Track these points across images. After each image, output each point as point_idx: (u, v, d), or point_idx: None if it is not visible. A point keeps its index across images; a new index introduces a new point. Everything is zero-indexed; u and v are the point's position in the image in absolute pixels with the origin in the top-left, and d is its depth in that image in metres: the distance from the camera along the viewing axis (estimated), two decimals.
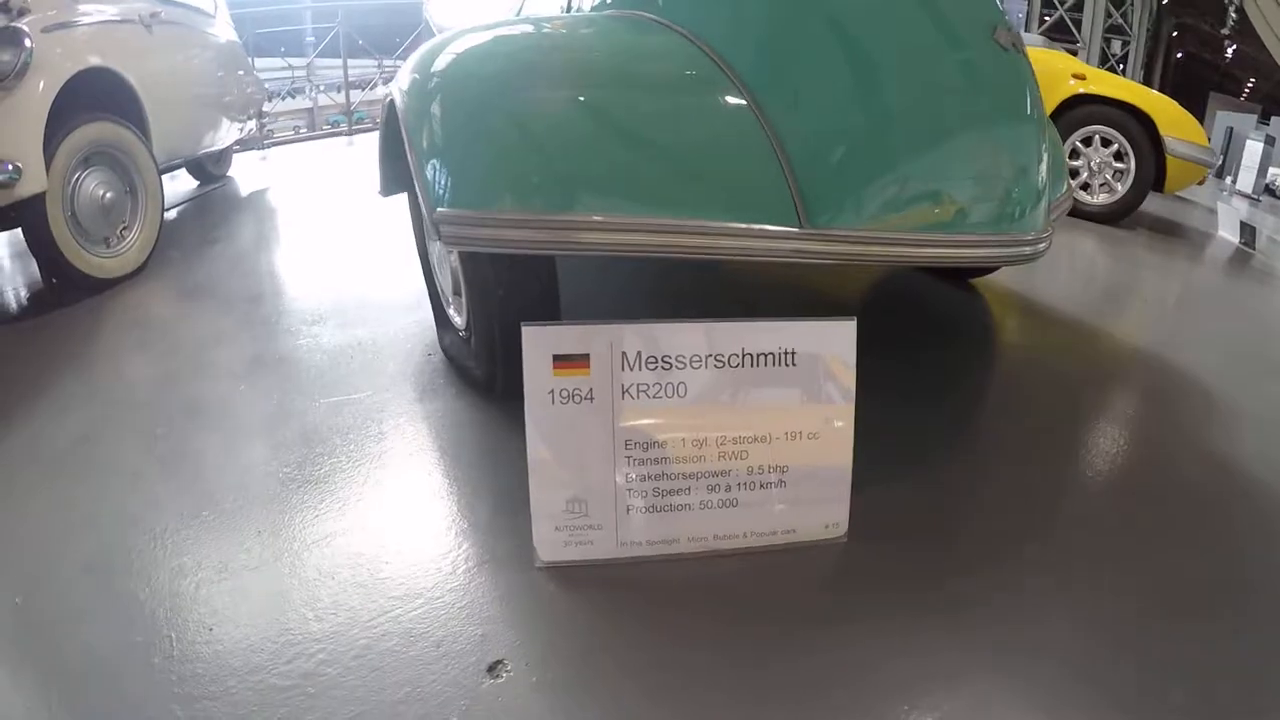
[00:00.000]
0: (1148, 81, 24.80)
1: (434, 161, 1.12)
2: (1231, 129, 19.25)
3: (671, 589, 0.96)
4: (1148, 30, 20.49)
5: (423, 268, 1.78)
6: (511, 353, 1.27)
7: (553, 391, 0.88)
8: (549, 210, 1.02)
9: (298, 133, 7.67)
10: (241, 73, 4.15)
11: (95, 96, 2.40)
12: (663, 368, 0.90)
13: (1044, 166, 1.31)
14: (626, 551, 0.97)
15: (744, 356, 0.91)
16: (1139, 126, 3.95)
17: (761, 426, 0.94)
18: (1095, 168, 4.04)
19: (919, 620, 0.94)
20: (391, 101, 1.33)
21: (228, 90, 3.85)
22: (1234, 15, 17.55)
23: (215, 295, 2.37)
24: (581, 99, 1.12)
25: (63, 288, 2.30)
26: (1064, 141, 4.06)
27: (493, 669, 0.83)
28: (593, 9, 1.70)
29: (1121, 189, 4.03)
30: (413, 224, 1.83)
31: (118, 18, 2.67)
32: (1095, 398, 1.83)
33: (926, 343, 2.05)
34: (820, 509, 1.01)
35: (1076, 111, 4.02)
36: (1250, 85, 26.02)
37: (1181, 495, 1.35)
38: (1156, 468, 1.46)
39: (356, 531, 1.09)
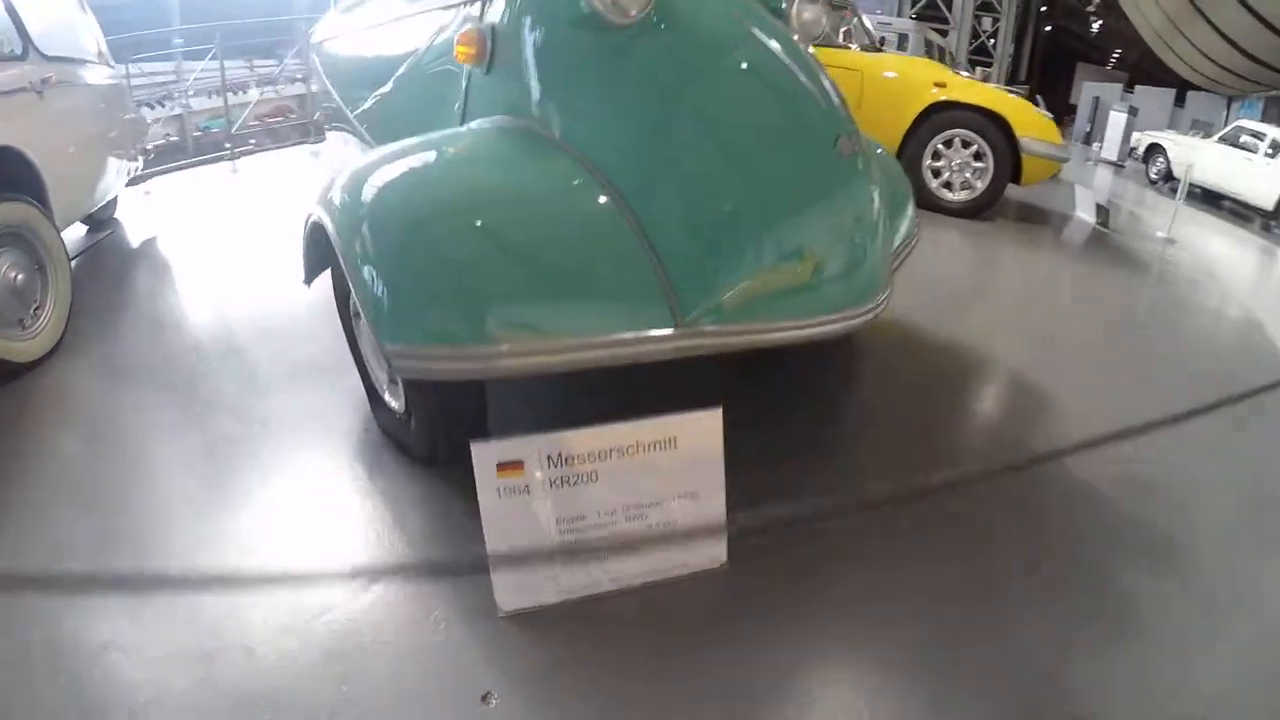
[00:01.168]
0: (1018, 54, 26.52)
1: (378, 302, 1.39)
2: (1098, 98, 20.94)
3: (601, 619, 1.32)
4: (1016, 6, 21.96)
5: (350, 347, 1.97)
6: (450, 435, 1.60)
7: (499, 488, 1.21)
8: (475, 344, 1.32)
9: (167, 139, 7.51)
10: (127, 116, 4.17)
11: None
12: (577, 462, 1.25)
13: (879, 246, 1.68)
14: (565, 595, 1.32)
15: (637, 447, 1.27)
16: (996, 129, 4.53)
17: (654, 494, 1.31)
18: (956, 167, 4.63)
19: (786, 622, 1.35)
20: (317, 222, 1.60)
21: (117, 139, 3.87)
22: None
23: (140, 372, 2.48)
24: (487, 238, 1.39)
25: None
26: (926, 145, 4.62)
27: (484, 699, 1.17)
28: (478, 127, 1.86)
29: (981, 185, 4.63)
30: (337, 305, 1.97)
31: (10, 88, 2.73)
32: (930, 402, 2.32)
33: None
34: (705, 547, 1.40)
35: (939, 117, 4.56)
36: (1116, 55, 28.12)
37: (1004, 498, 1.82)
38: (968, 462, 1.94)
39: (345, 607, 1.38)
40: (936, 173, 4.69)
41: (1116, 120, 13.23)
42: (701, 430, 1.27)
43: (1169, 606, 1.49)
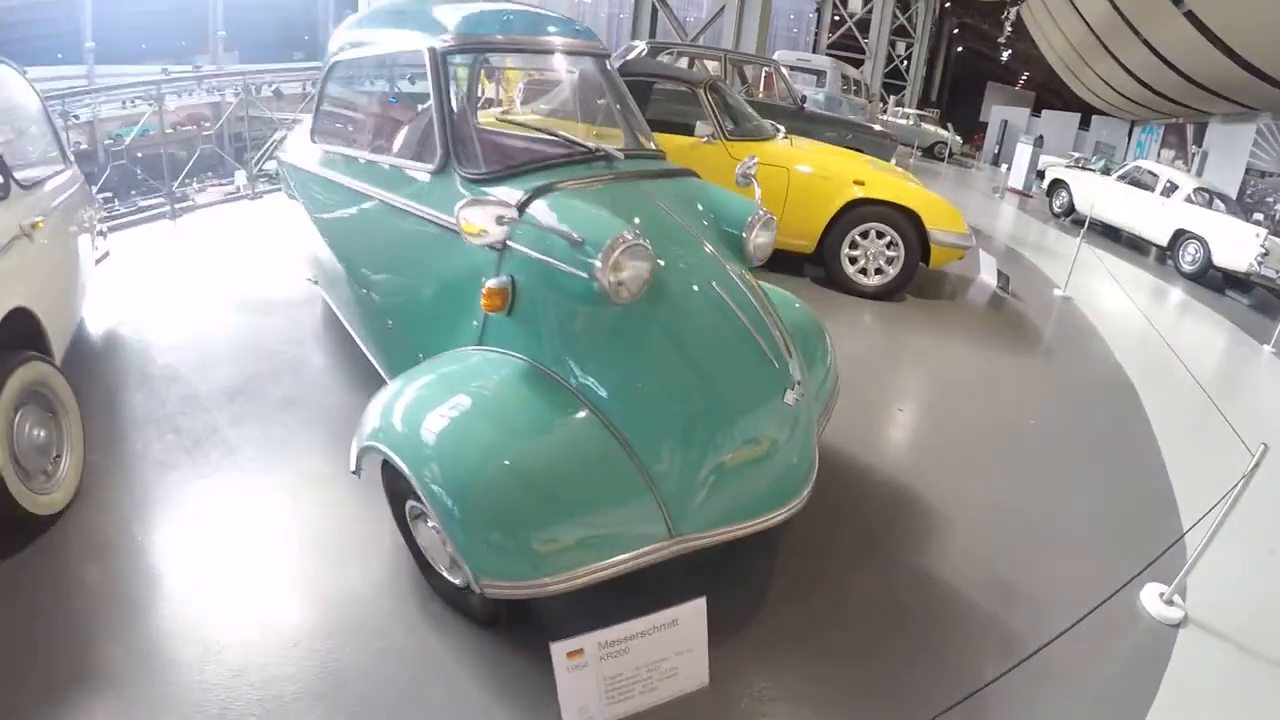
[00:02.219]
0: (930, 76, 28.28)
1: (467, 546, 1.84)
2: (1006, 121, 22.74)
3: None
4: (930, 31, 23.72)
5: (401, 532, 2.32)
6: (510, 607, 2.05)
7: (568, 667, 1.70)
8: (538, 577, 1.81)
9: (77, 146, 7.49)
10: (90, 211, 4.26)
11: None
12: (615, 644, 1.74)
13: (812, 446, 2.26)
14: None
15: (652, 629, 1.77)
16: (908, 221, 5.25)
17: (663, 653, 1.81)
18: (871, 256, 5.34)
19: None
20: (372, 448, 2.03)
21: (88, 250, 4.02)
22: (1010, 24, 20.93)
23: (166, 518, 2.71)
24: (538, 495, 1.85)
25: (8, 533, 2.47)
26: (845, 235, 5.29)
27: None
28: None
29: (893, 271, 5.36)
30: (389, 500, 2.29)
31: (5, 240, 2.77)
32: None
33: None
34: (694, 678, 1.91)
35: (856, 211, 5.26)
36: (1025, 77, 30.46)
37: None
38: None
39: None
40: (854, 260, 5.37)
41: (1023, 151, 14.57)
42: (692, 612, 1.82)
43: None
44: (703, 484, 2.00)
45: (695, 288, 2.20)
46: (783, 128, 6.09)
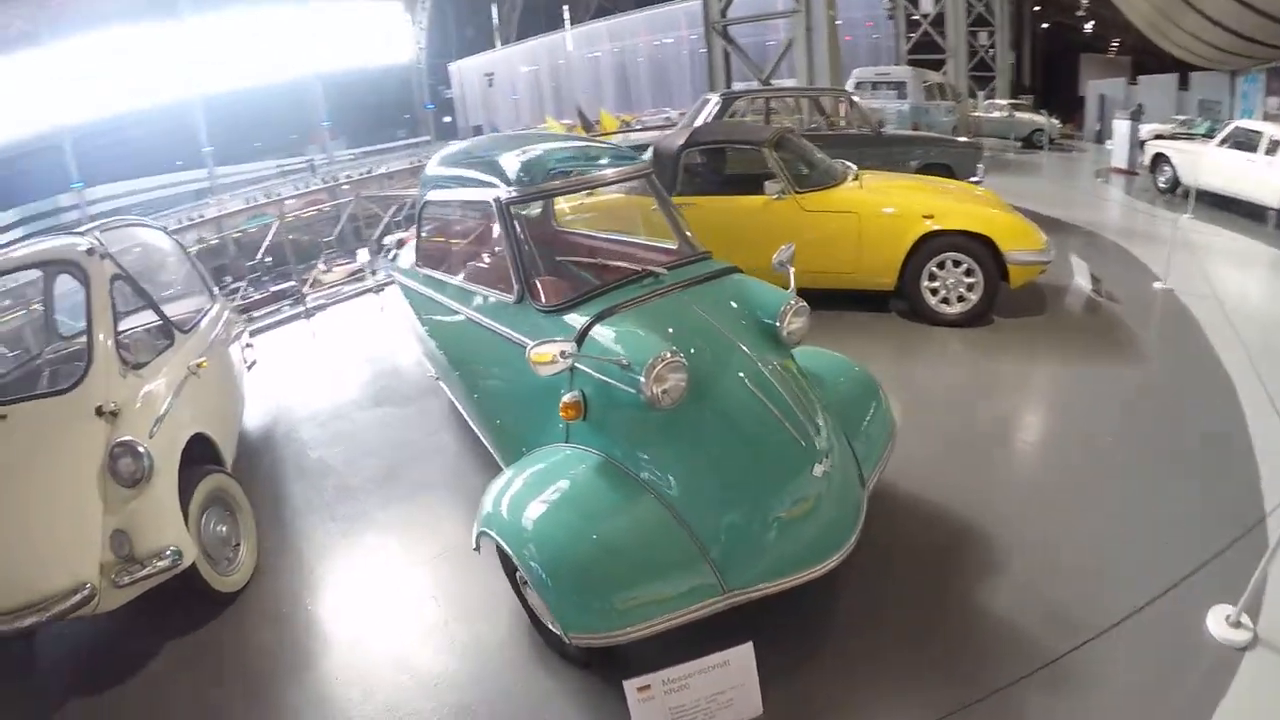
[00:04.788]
0: (1019, 60, 27.26)
1: (558, 608, 2.35)
2: (1104, 95, 21.64)
3: None
4: (1009, 14, 23.03)
5: (517, 595, 2.88)
6: (602, 653, 2.54)
7: (639, 700, 2.14)
8: (615, 630, 2.31)
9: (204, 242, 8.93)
10: (238, 327, 5.23)
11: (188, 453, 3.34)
12: (677, 681, 2.19)
13: (851, 502, 2.66)
14: None
15: (707, 668, 2.21)
16: (982, 246, 5.40)
17: (718, 688, 2.23)
18: (950, 286, 5.53)
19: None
20: (485, 534, 2.61)
21: (241, 366, 4.94)
22: None
23: (329, 589, 3.44)
24: (611, 564, 2.36)
25: (201, 611, 3.28)
26: (922, 269, 5.50)
27: None
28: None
29: (974, 297, 5.51)
30: (505, 572, 2.86)
31: (179, 381, 3.62)
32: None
33: None
34: (748, 709, 2.30)
35: (931, 243, 5.46)
36: (1116, 44, 28.82)
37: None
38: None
39: None
40: (934, 291, 5.57)
41: (1121, 128, 13.85)
42: (741, 655, 2.24)
43: None
44: (745, 548, 2.46)
45: (729, 386, 2.69)
46: (854, 167, 6.35)
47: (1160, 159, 11.57)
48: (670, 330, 2.80)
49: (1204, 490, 3.51)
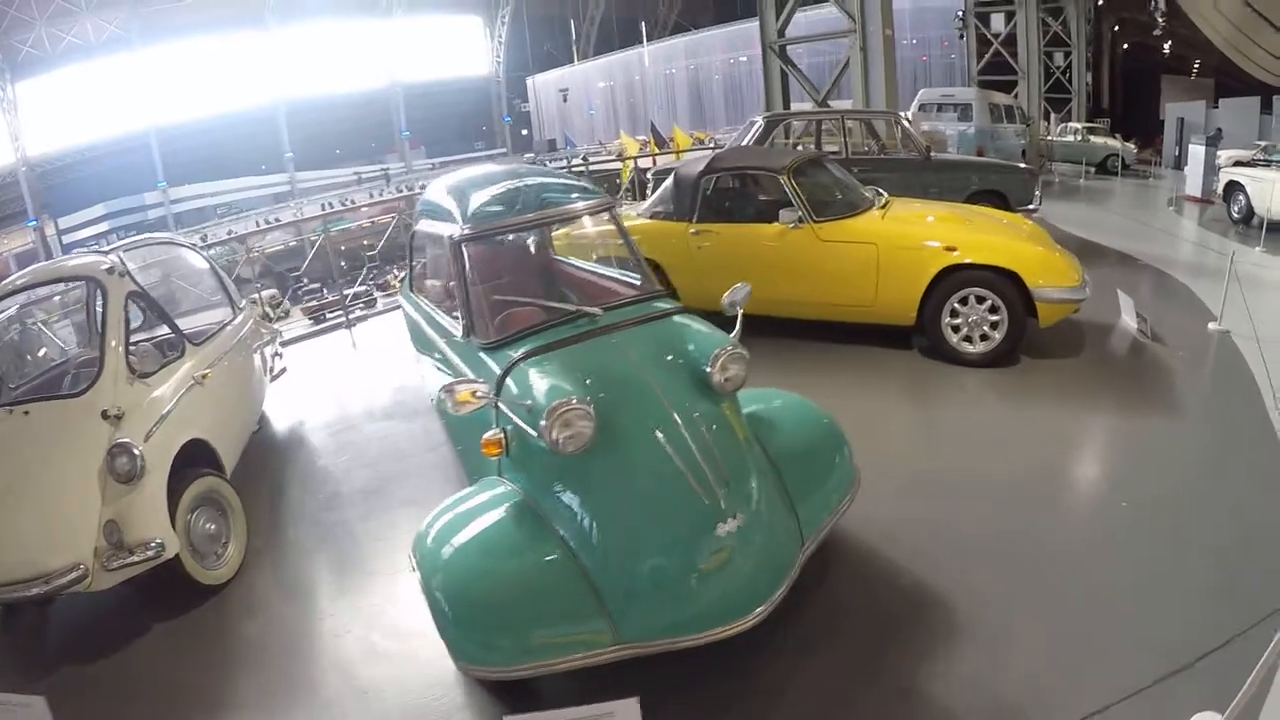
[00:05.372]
0: (1097, 81, 26.20)
1: (445, 633, 2.49)
2: (1182, 119, 20.62)
3: None
4: (1087, 37, 22.12)
5: None
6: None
7: None
8: (493, 666, 2.45)
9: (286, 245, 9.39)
10: (267, 346, 5.54)
11: (183, 456, 3.65)
12: None
13: (768, 565, 2.57)
14: None
15: (590, 718, 2.16)
16: (1009, 282, 5.17)
17: None
18: (973, 323, 5.30)
19: None
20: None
21: (259, 377, 5.25)
22: (1160, 14, 19.20)
23: (304, 589, 3.68)
24: (499, 602, 2.44)
25: (185, 599, 3.58)
26: (943, 305, 5.30)
27: None
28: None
29: (998, 336, 5.28)
30: None
31: (182, 390, 3.93)
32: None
33: None
34: None
35: (953, 277, 5.24)
36: (1197, 65, 27.44)
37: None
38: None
39: None
40: (955, 329, 5.37)
41: (1196, 154, 13.15)
42: (625, 709, 2.17)
43: None
44: (642, 600, 2.47)
45: (638, 436, 2.67)
46: (884, 194, 6.21)
47: (1234, 187, 10.90)
48: (589, 374, 2.84)
49: (1220, 577, 3.08)
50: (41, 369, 4.41)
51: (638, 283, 3.66)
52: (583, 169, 16.95)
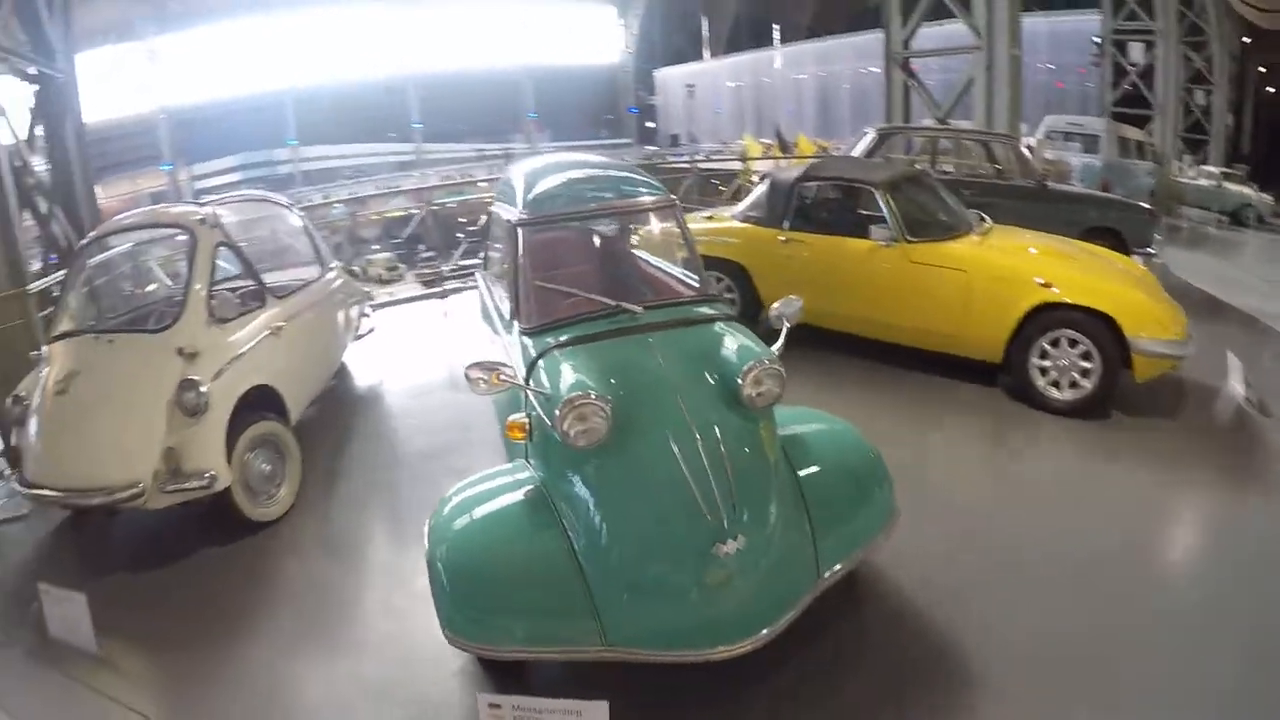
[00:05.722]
0: (1238, 125, 24.07)
1: (439, 604, 2.54)
2: None
3: None
4: (1230, 76, 20.26)
5: None
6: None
7: (489, 716, 2.23)
8: (482, 644, 2.49)
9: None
10: (353, 305, 5.81)
11: (249, 399, 3.91)
12: (531, 716, 2.23)
13: (766, 599, 2.45)
14: None
15: (559, 712, 2.20)
16: (1105, 327, 4.76)
17: None
18: (1062, 367, 4.89)
19: None
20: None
21: (339, 333, 5.52)
22: None
23: (343, 536, 3.89)
24: (493, 585, 2.49)
25: (236, 531, 3.85)
26: (1032, 344, 4.92)
27: None
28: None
29: (1089, 384, 4.88)
30: None
31: (254, 341, 4.20)
32: None
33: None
34: None
35: (1045, 316, 4.87)
36: None
37: None
38: None
39: None
40: (1043, 371, 4.98)
41: None
42: (594, 710, 2.19)
43: None
44: (629, 606, 2.44)
45: (652, 440, 2.62)
46: (987, 220, 5.89)
47: None
48: (614, 371, 2.80)
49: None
50: (139, 303, 4.81)
51: (696, 284, 3.60)
52: (701, 165, 16.75)
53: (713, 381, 2.83)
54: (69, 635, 2.97)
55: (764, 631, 2.42)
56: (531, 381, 2.90)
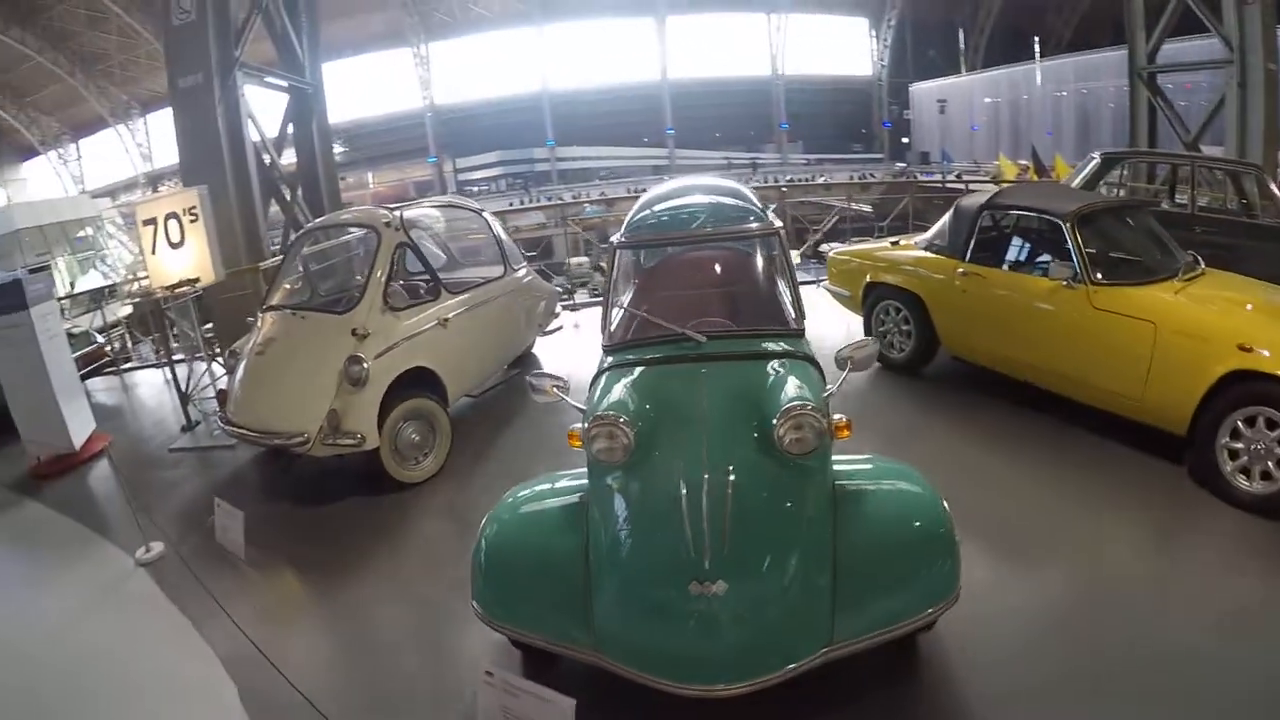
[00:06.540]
0: None
1: (476, 582, 2.86)
2: None
3: None
4: None
5: None
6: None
7: (484, 684, 2.47)
8: (498, 621, 2.80)
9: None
10: (538, 302, 6.42)
11: (412, 376, 4.62)
12: (515, 691, 2.41)
13: (755, 650, 2.39)
14: None
15: (537, 694, 2.36)
16: None
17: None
18: (1258, 452, 4.02)
19: None
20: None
21: (518, 328, 6.12)
22: None
23: (476, 506, 4.30)
24: (518, 575, 2.79)
25: (384, 487, 4.57)
26: (1223, 419, 4.10)
27: None
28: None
29: None
30: None
31: (423, 327, 4.89)
32: None
33: None
34: None
35: (1241, 387, 4.04)
36: None
37: None
38: None
39: None
40: (1233, 454, 4.12)
41: None
42: (560, 704, 2.31)
43: None
44: (614, 618, 2.58)
45: (666, 469, 2.72)
46: (1200, 264, 4.98)
47: None
48: (652, 398, 2.95)
49: None
50: (331, 288, 5.79)
51: (788, 316, 3.58)
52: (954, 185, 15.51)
53: (748, 420, 2.79)
54: (227, 542, 3.76)
55: (745, 683, 2.35)
56: (592, 395, 3.16)
